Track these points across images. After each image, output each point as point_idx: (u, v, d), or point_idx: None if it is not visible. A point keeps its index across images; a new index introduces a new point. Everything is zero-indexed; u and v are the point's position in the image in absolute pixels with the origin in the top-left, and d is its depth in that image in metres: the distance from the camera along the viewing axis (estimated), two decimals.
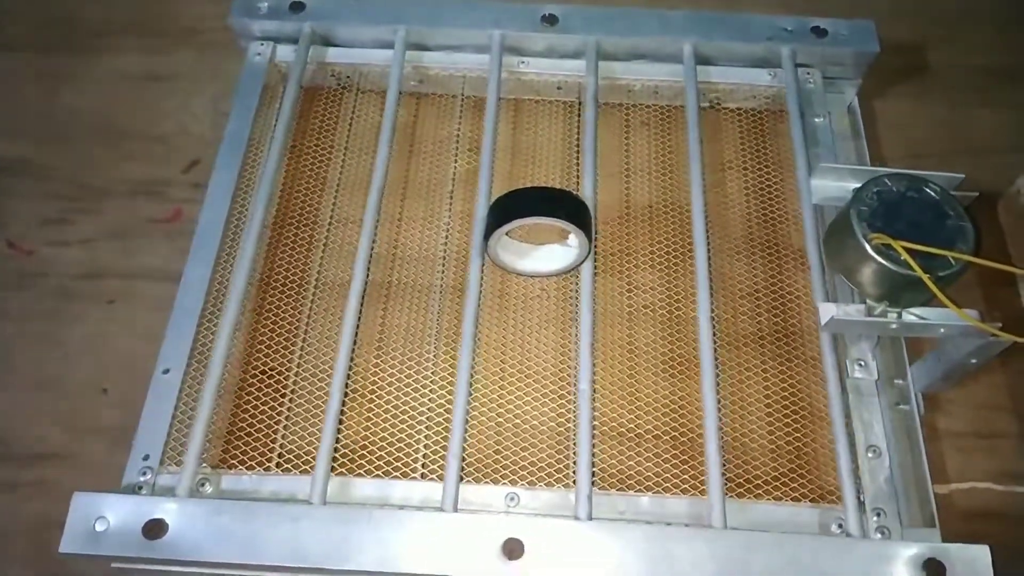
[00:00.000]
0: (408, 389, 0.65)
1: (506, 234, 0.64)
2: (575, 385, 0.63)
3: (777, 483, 0.62)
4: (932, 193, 0.59)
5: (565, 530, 0.55)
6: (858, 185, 0.62)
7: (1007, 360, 0.67)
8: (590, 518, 0.56)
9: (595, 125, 0.74)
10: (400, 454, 0.63)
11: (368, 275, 0.68)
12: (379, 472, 0.62)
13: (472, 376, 0.64)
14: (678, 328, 0.68)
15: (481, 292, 0.67)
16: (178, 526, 0.54)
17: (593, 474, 0.59)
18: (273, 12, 0.78)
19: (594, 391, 0.62)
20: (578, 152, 0.77)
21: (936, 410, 0.66)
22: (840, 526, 0.59)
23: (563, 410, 0.64)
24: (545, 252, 0.67)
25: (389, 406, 0.65)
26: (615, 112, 0.80)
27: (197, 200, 0.78)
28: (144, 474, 0.59)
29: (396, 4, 0.79)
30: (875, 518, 0.59)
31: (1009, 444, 0.67)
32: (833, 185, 0.65)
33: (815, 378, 0.65)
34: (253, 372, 0.66)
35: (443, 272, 0.71)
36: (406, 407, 0.65)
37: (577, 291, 0.66)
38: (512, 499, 0.61)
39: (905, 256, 0.55)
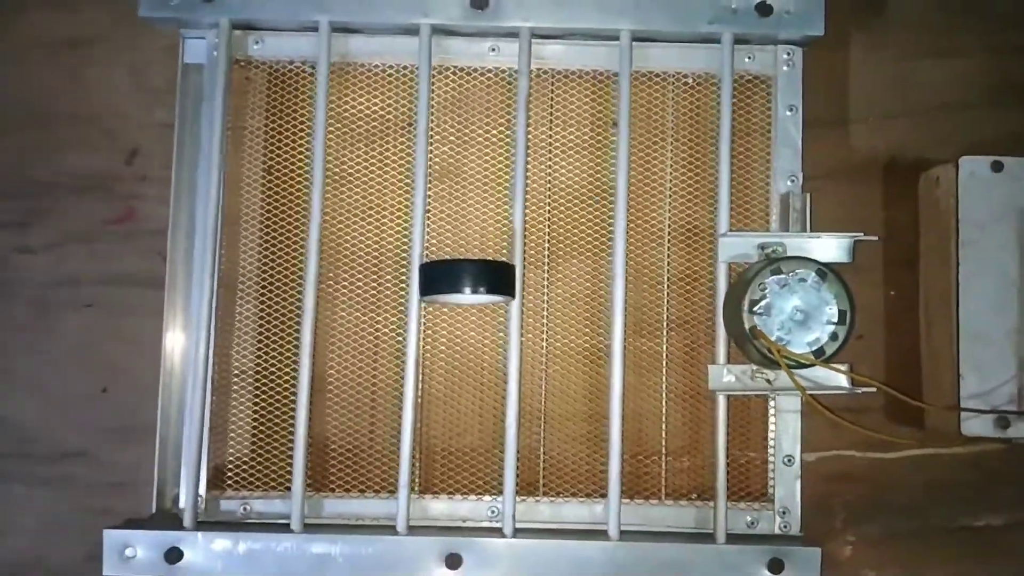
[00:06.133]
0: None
1: None
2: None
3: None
4: (817, 278, 0.64)
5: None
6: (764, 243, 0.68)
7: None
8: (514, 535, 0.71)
9: (524, 123, 0.75)
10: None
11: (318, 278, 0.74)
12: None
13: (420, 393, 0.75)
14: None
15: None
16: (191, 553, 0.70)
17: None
18: (186, 4, 0.73)
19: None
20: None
21: None
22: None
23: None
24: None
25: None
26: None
27: (146, 196, 0.80)
28: None
29: None
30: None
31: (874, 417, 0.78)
32: (740, 243, 0.70)
33: None
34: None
35: (380, 278, 0.77)
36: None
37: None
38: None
39: (780, 360, 0.63)
